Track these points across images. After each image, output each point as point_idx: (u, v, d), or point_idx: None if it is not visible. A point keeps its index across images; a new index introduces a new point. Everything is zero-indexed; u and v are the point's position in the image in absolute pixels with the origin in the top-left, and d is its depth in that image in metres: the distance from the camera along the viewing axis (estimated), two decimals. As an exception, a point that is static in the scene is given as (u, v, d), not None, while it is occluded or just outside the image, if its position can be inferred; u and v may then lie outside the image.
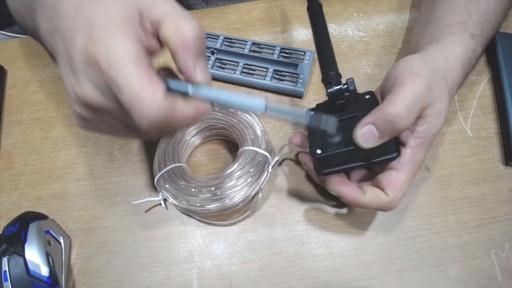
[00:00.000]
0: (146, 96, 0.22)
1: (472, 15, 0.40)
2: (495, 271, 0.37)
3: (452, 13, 0.41)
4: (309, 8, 0.41)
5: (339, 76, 0.35)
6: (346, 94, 0.34)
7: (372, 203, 0.33)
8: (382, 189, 0.33)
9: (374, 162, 0.33)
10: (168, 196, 0.39)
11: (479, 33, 0.39)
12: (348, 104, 0.35)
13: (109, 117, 0.27)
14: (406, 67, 0.34)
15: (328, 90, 0.34)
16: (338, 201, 0.41)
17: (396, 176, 0.33)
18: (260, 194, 0.40)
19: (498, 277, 0.37)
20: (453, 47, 0.38)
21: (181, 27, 0.24)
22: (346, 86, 0.34)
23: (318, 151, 0.33)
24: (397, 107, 0.30)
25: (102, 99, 0.25)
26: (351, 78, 0.34)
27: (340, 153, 0.33)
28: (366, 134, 0.30)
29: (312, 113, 0.30)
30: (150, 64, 0.24)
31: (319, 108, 0.38)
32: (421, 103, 0.31)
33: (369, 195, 0.33)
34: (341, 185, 0.34)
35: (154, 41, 0.25)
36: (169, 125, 0.24)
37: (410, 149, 0.33)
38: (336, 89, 0.34)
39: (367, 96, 0.36)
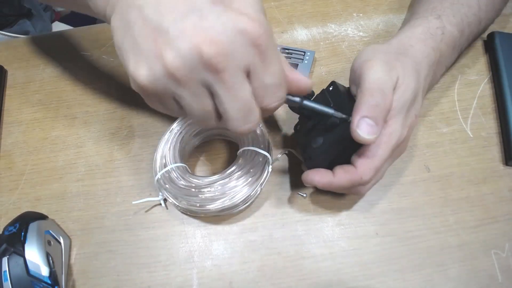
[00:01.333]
0: (284, 84, 0.28)
1: (444, 1, 0.42)
2: (495, 271, 0.37)
3: (425, 3, 0.43)
4: None
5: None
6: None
7: (343, 180, 0.34)
8: (353, 163, 0.34)
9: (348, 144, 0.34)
10: (168, 196, 0.39)
11: (448, 14, 0.40)
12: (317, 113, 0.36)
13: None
14: (360, 58, 0.35)
15: (291, 108, 0.37)
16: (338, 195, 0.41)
17: (367, 147, 0.33)
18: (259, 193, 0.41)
19: (498, 277, 0.37)
20: (411, 29, 0.39)
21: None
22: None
23: (308, 160, 0.36)
24: (371, 92, 0.31)
25: (233, 56, 0.24)
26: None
27: (326, 152, 0.35)
28: (365, 128, 0.31)
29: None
30: None
31: (300, 121, 0.40)
32: (388, 78, 0.33)
33: (338, 173, 0.34)
34: (310, 175, 0.35)
35: None
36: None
37: None
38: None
39: (330, 88, 0.37)
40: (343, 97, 0.35)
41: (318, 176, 0.35)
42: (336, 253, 0.38)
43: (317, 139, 0.36)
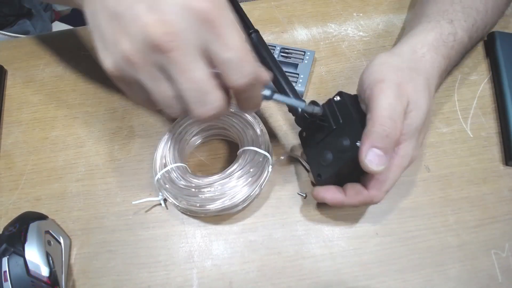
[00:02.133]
0: (250, 58, 0.25)
1: (455, 3, 0.41)
2: (495, 271, 0.37)
3: (435, 5, 0.42)
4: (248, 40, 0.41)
5: (302, 101, 0.36)
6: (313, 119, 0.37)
7: (355, 200, 0.35)
8: (364, 184, 0.35)
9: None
10: (168, 196, 0.39)
11: (459, 18, 0.40)
12: (324, 120, 0.37)
13: (162, 73, 0.25)
14: (371, 74, 0.34)
15: (297, 123, 0.39)
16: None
17: None
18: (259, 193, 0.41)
19: (498, 277, 0.37)
20: (424, 33, 0.38)
21: None
22: (309, 113, 0.36)
23: (319, 177, 0.37)
24: (382, 121, 0.31)
25: (183, 35, 0.24)
26: (311, 101, 0.36)
27: (336, 172, 0.35)
28: (373, 159, 0.31)
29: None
30: None
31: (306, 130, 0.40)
32: (399, 105, 0.32)
33: (349, 193, 0.35)
34: (321, 193, 0.36)
35: None
36: (254, 88, 0.27)
37: None
38: (303, 121, 0.38)
39: (336, 98, 0.37)
40: (351, 112, 0.35)
41: (329, 195, 0.36)
42: (336, 253, 0.39)
43: (326, 156, 0.36)
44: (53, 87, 0.51)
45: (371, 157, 0.31)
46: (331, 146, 0.36)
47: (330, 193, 0.36)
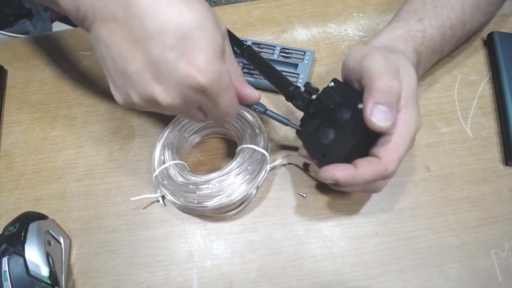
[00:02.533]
0: (230, 115, 0.32)
1: (427, 3, 0.41)
2: (495, 271, 0.37)
3: (407, 5, 0.43)
4: (243, 55, 0.43)
5: (298, 87, 0.37)
6: (313, 97, 0.36)
7: (368, 172, 0.31)
8: (375, 155, 0.32)
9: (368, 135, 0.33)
10: (166, 192, 0.39)
11: (430, 16, 0.40)
12: (321, 102, 0.37)
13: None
14: (355, 55, 0.34)
15: (297, 106, 0.37)
16: (338, 193, 0.41)
17: (387, 138, 0.32)
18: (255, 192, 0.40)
19: (498, 277, 0.37)
20: (391, 31, 0.40)
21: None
22: (307, 91, 0.36)
23: (323, 157, 0.35)
24: (380, 77, 0.30)
25: (183, 104, 0.30)
26: (306, 82, 0.36)
27: (342, 146, 0.33)
28: (379, 115, 0.30)
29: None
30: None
31: (303, 121, 0.40)
32: (391, 66, 0.32)
33: (361, 165, 0.32)
34: (330, 170, 0.32)
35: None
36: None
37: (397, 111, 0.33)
38: (302, 100, 0.37)
39: (331, 84, 0.37)
40: (348, 89, 0.35)
41: (339, 171, 0.32)
42: (336, 253, 0.38)
43: (328, 134, 0.35)
44: (53, 87, 0.51)
45: (376, 114, 0.30)
46: (332, 125, 0.35)
47: (340, 168, 0.32)
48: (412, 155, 0.42)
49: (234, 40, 0.44)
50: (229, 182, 0.38)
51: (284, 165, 0.43)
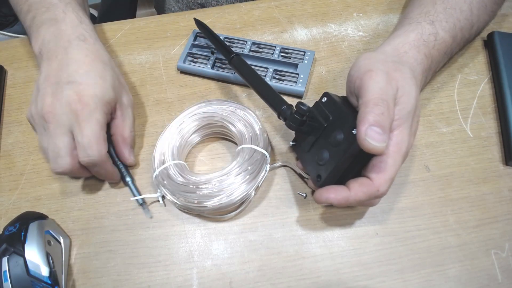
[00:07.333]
0: (96, 146, 0.38)
1: (437, 4, 0.42)
2: (495, 271, 0.37)
3: (418, 7, 0.43)
4: (231, 64, 0.43)
5: (290, 106, 0.37)
6: (305, 117, 0.36)
7: (360, 193, 0.33)
8: (367, 175, 0.34)
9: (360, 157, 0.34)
10: (166, 192, 0.39)
11: (441, 19, 0.41)
12: (314, 121, 0.37)
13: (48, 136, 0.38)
14: (359, 68, 0.35)
15: (289, 126, 0.37)
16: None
17: (379, 159, 0.33)
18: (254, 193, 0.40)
19: (498, 277, 0.37)
20: (405, 34, 0.40)
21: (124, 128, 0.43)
22: (299, 112, 0.36)
23: (318, 179, 0.36)
24: (375, 101, 0.32)
25: (58, 116, 0.38)
26: (298, 102, 0.36)
27: (336, 168, 0.34)
28: (373, 136, 0.30)
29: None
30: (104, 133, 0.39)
31: (298, 137, 0.41)
32: (389, 89, 0.33)
33: (353, 187, 0.33)
34: (324, 194, 0.34)
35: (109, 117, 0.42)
36: (98, 167, 0.39)
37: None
38: (294, 122, 0.36)
39: (324, 99, 0.37)
40: (339, 106, 0.36)
41: (333, 194, 0.34)
42: (335, 253, 0.39)
43: (323, 155, 0.35)
44: (53, 87, 0.50)
45: (370, 134, 0.30)
46: (326, 144, 0.35)
47: (333, 191, 0.34)
48: (412, 155, 0.43)
49: (223, 49, 0.45)
50: (229, 182, 0.38)
51: (284, 165, 0.43)
